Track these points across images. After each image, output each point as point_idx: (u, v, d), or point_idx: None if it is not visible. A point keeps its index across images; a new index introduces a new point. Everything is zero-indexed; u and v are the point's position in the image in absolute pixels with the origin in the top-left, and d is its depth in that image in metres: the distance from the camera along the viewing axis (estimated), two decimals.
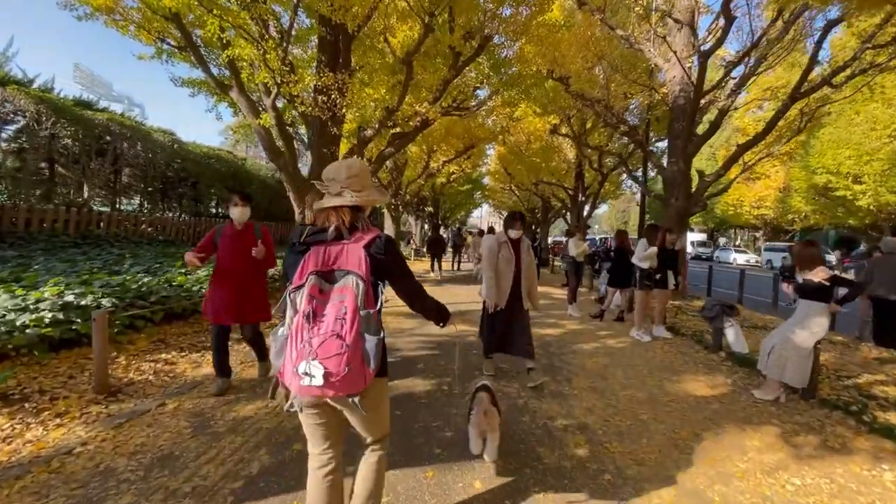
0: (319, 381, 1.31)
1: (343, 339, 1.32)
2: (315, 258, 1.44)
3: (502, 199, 32.47)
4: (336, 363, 1.31)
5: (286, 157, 9.49)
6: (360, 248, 1.45)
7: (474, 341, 5.34)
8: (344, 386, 1.35)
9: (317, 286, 1.40)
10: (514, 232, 3.94)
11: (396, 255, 1.56)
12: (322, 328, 1.35)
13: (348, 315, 1.35)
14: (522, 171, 18.38)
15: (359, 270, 1.41)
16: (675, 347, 5.53)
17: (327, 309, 1.38)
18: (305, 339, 1.34)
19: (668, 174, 9.43)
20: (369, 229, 1.54)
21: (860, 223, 24.95)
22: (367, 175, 1.60)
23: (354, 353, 1.34)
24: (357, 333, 1.35)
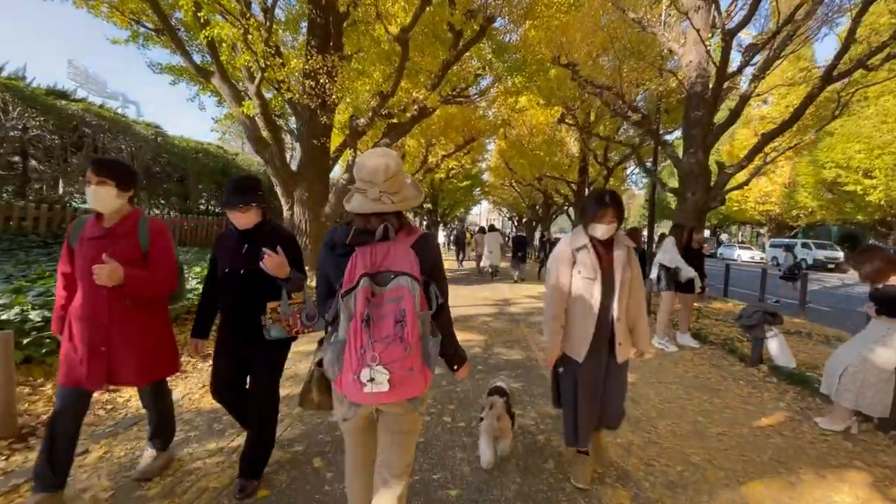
0: (385, 385, 1.26)
1: (406, 343, 1.26)
2: (363, 260, 1.34)
3: (502, 195, 31.85)
4: (401, 367, 1.27)
5: (273, 149, 8.81)
6: (409, 249, 1.38)
7: (479, 353, 4.69)
8: (408, 389, 1.33)
9: (369, 289, 1.30)
10: (602, 228, 2.23)
11: (438, 257, 1.51)
12: (382, 332, 1.27)
13: (408, 317, 1.27)
14: (525, 165, 17.72)
15: (412, 271, 1.33)
16: (706, 359, 4.89)
17: (383, 311, 1.29)
18: (366, 344, 1.25)
19: (684, 167, 8.77)
20: (412, 228, 1.49)
21: (869, 219, 24.36)
22: (402, 172, 1.47)
23: (416, 356, 1.30)
24: (416, 335, 1.29)
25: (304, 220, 9.16)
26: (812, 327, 6.79)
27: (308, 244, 9.18)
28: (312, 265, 9.36)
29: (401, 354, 1.26)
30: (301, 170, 9.29)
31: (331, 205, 9.23)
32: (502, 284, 11.33)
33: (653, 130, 9.08)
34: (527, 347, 5.10)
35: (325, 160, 9.63)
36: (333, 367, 1.35)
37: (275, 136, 8.58)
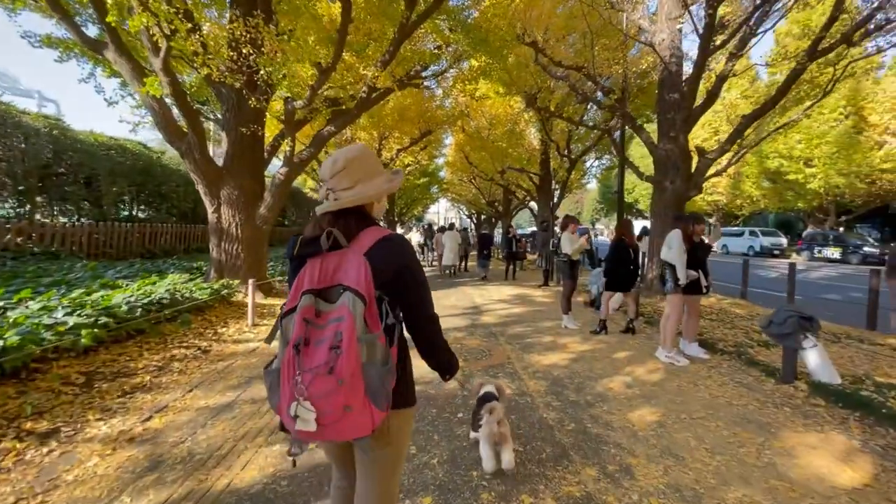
0: (312, 426, 1.03)
1: (337, 375, 1.01)
2: (311, 273, 1.14)
3: (461, 192, 30.94)
4: (330, 404, 1.02)
5: (190, 140, 7.27)
6: (360, 257, 1.13)
7: (455, 388, 3.60)
8: (345, 430, 1.07)
9: (312, 308, 1.09)
10: None
11: (408, 263, 1.22)
12: (314, 360, 1.04)
13: (344, 343, 1.03)
14: (486, 157, 16.82)
15: (356, 285, 1.08)
16: (726, 374, 4.07)
17: (324, 335, 1.05)
18: (295, 375, 1.03)
19: (661, 153, 8.12)
20: (374, 231, 1.21)
21: (808, 206, 25.62)
22: (361, 163, 1.24)
23: (354, 390, 1.04)
24: (356, 365, 1.04)
25: (235, 223, 7.68)
26: None
27: (240, 251, 7.73)
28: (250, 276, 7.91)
29: (329, 388, 1.02)
30: (229, 164, 7.79)
31: (267, 205, 7.81)
32: (469, 288, 10.31)
33: (625, 113, 8.36)
34: (515, 374, 4.07)
35: (258, 152, 8.18)
36: (273, 397, 1.14)
37: (191, 123, 7.05)
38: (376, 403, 1.08)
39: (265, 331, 5.60)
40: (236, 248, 7.73)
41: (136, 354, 4.09)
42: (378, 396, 1.08)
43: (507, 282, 11.56)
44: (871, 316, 5.72)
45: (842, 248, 20.39)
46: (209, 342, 4.76)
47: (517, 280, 11.81)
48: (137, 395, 3.33)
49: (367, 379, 1.06)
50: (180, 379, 3.74)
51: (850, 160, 20.81)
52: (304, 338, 1.06)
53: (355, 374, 1.04)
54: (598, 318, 5.86)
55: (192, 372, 3.92)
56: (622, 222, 5.87)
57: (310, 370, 1.03)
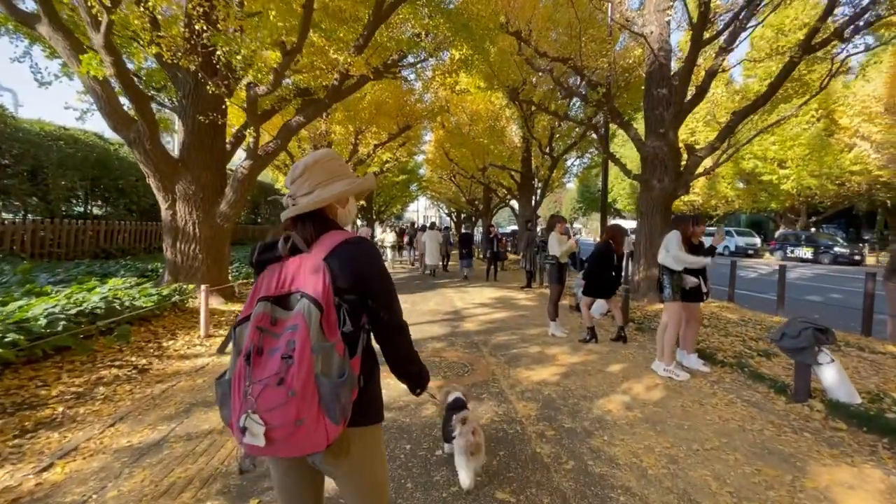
0: (261, 440, 0.96)
1: (288, 386, 0.95)
2: (268, 280, 1.09)
3: (440, 191, 30.43)
4: (280, 416, 0.95)
5: (140, 128, 6.52)
6: (318, 261, 1.07)
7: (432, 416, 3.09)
8: (297, 445, 0.99)
9: (267, 315, 1.03)
10: None
11: (371, 268, 1.15)
12: (265, 371, 0.97)
13: (297, 352, 0.96)
14: (467, 154, 16.35)
15: (312, 292, 1.02)
16: (732, 391, 3.70)
17: (278, 344, 0.99)
18: (244, 386, 0.98)
19: (649, 150, 7.81)
20: (335, 234, 1.16)
21: (780, 207, 26.17)
22: (322, 168, 1.20)
23: (306, 403, 0.96)
24: (309, 376, 0.97)
25: (192, 221, 6.98)
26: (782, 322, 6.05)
27: (198, 252, 7.03)
28: (210, 280, 7.21)
29: (279, 400, 0.95)
30: (185, 156, 7.08)
31: (229, 201, 7.13)
32: (449, 290, 9.83)
33: (612, 108, 8.02)
34: (501, 393, 3.60)
35: (219, 143, 7.48)
36: (224, 410, 1.08)
37: (140, 109, 6.32)
38: (330, 417, 1.00)
39: (220, 343, 4.97)
40: (193, 248, 7.03)
41: (53, 378, 3.43)
42: (332, 409, 1.00)
43: (488, 283, 11.13)
44: (866, 321, 5.51)
45: (813, 248, 20.84)
46: (149, 359, 4.12)
47: (499, 281, 11.40)
48: (41, 434, 2.71)
49: (321, 390, 0.99)
50: (103, 409, 3.12)
51: (821, 162, 21.28)
52: (256, 347, 1.00)
53: (307, 385, 0.97)
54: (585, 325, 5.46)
55: (120, 399, 3.30)
56: (614, 227, 5.47)
57: (260, 381, 0.97)
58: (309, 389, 0.97)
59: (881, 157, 19.66)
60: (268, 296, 1.05)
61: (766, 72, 22.17)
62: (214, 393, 1.13)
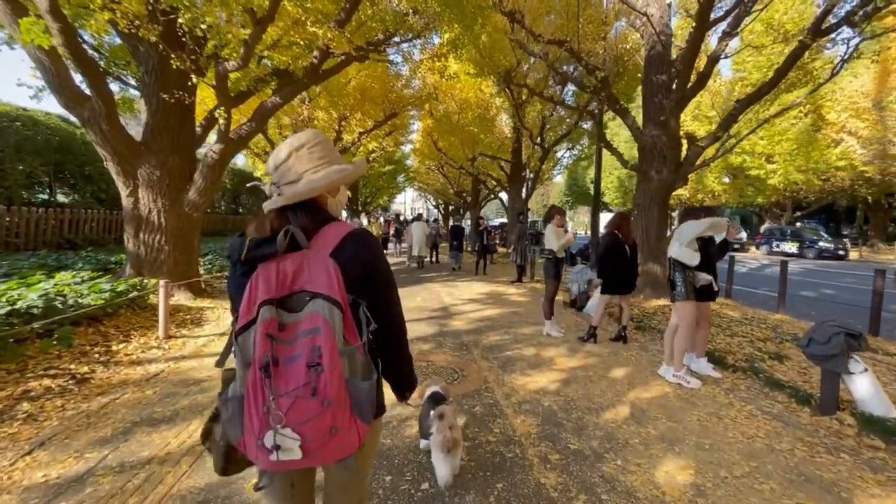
0: (297, 453, 0.88)
1: (322, 395, 0.87)
2: (266, 281, 0.94)
3: (428, 181, 29.87)
4: (317, 428, 0.88)
5: (94, 106, 5.88)
6: (327, 258, 0.98)
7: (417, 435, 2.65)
8: (332, 452, 0.93)
9: (275, 321, 0.91)
10: None
11: (377, 261, 1.08)
12: (290, 382, 0.88)
13: (325, 358, 0.88)
14: (455, 144, 15.83)
15: (329, 292, 0.93)
16: (749, 401, 3.36)
17: (295, 351, 0.89)
18: (268, 401, 0.86)
19: (647, 140, 7.44)
20: (336, 226, 1.06)
21: (766, 201, 26.30)
22: (310, 152, 1.09)
23: (341, 409, 0.90)
24: (341, 382, 0.90)
25: (157, 209, 6.39)
26: (784, 320, 5.79)
27: (164, 244, 6.45)
28: (177, 274, 6.64)
29: (315, 412, 0.87)
30: (148, 138, 6.46)
31: (198, 188, 6.55)
32: (436, 284, 9.39)
33: (610, 95, 7.62)
34: (496, 405, 3.19)
35: (187, 125, 6.88)
36: (233, 429, 0.95)
37: (95, 84, 5.69)
38: (364, 419, 0.96)
39: (181, 346, 4.46)
40: (158, 239, 6.44)
41: None
42: (365, 411, 0.96)
43: (477, 277, 10.73)
44: (874, 320, 5.25)
45: (798, 242, 20.96)
46: (92, 366, 3.59)
47: (488, 275, 11.00)
48: None
49: (353, 395, 0.94)
50: (22, 431, 2.61)
51: (808, 157, 21.33)
52: (272, 356, 0.88)
53: (341, 391, 0.90)
54: (581, 322, 5.11)
55: (46, 417, 2.79)
56: (618, 215, 5.07)
57: (287, 394, 0.87)
58: (342, 396, 0.91)
59: (867, 152, 19.77)
60: (270, 299, 0.93)
61: (755, 65, 22.17)
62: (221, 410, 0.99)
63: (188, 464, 2.31)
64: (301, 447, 0.88)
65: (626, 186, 36.21)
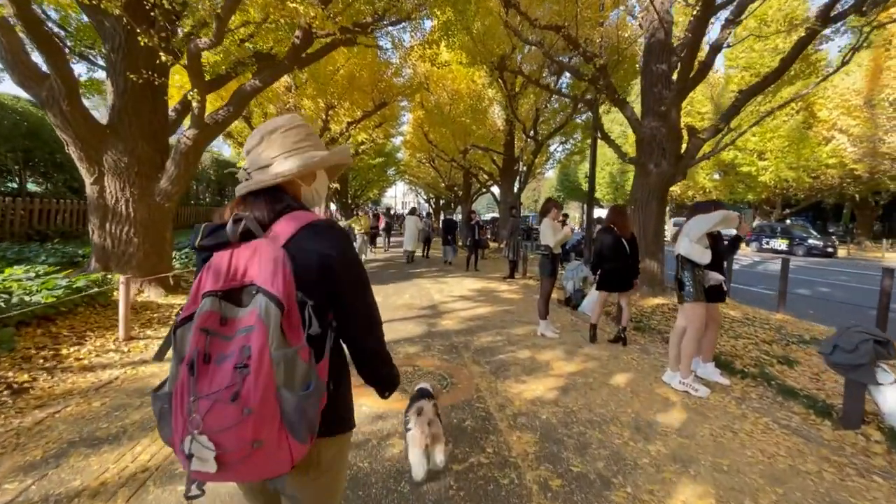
0: (211, 466, 0.78)
1: (243, 402, 0.76)
2: (215, 270, 0.87)
3: (419, 175, 29.42)
4: (234, 438, 0.77)
5: (53, 85, 5.41)
6: (277, 250, 0.88)
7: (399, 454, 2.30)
8: (253, 468, 0.81)
9: (215, 314, 0.83)
10: None
11: (341, 256, 0.96)
12: (213, 383, 0.78)
13: (253, 361, 0.78)
14: (447, 135, 15.42)
15: (269, 286, 0.83)
16: (764, 412, 3.08)
17: (229, 349, 0.80)
18: (188, 402, 0.78)
19: (646, 132, 7.16)
20: (298, 215, 0.96)
21: (757, 198, 26.36)
22: (284, 136, 1.02)
23: (266, 421, 0.79)
24: (268, 389, 0.79)
25: (124, 199, 5.94)
26: (786, 320, 5.58)
27: (132, 236, 6.02)
28: (147, 268, 6.20)
29: (233, 420, 0.76)
30: (115, 122, 5.98)
31: (170, 176, 6.11)
32: (426, 280, 9.05)
33: (609, 84, 7.30)
34: (488, 418, 2.87)
35: (160, 110, 6.41)
36: (165, 429, 0.86)
37: (54, 62, 5.21)
38: (296, 436, 0.82)
39: (143, 348, 4.07)
40: (127, 230, 6.00)
41: None
42: (298, 428, 0.82)
43: (468, 273, 10.41)
44: (881, 321, 5.03)
45: (788, 239, 21.00)
46: (34, 373, 3.18)
47: (479, 271, 10.69)
48: None
49: (283, 406, 0.81)
50: None
51: (799, 154, 21.33)
52: (202, 352, 0.80)
53: (267, 401, 0.78)
54: (577, 321, 4.82)
55: None
56: (613, 209, 4.78)
57: (207, 396, 0.77)
58: (269, 405, 0.78)
59: (857, 150, 19.81)
60: (215, 290, 0.85)
61: (747, 61, 22.07)
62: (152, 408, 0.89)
63: (125, 498, 1.95)
64: (216, 458, 0.78)
65: (618, 182, 36.14)
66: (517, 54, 11.24)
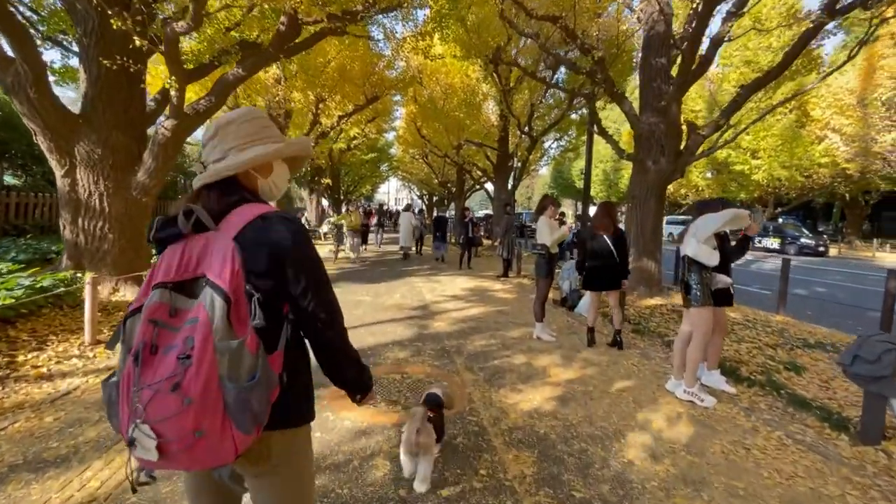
0: (153, 454, 0.79)
1: (183, 392, 0.78)
2: (167, 262, 0.90)
3: (412, 171, 29.10)
4: (174, 428, 0.78)
5: (19, 70, 5.07)
6: (227, 241, 0.89)
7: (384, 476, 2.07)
8: (195, 458, 0.82)
9: (164, 305, 0.85)
10: None
11: (294, 248, 0.94)
12: (156, 373, 0.80)
13: (196, 351, 0.79)
14: (440, 130, 15.14)
15: (217, 277, 0.85)
16: (776, 425, 2.89)
17: (176, 340, 0.82)
18: (132, 391, 0.81)
19: (644, 127, 6.95)
20: (251, 207, 0.96)
21: (749, 197, 26.41)
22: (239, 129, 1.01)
23: (207, 412, 0.79)
24: (210, 380, 0.79)
25: (98, 192, 5.61)
26: (788, 322, 5.42)
27: (107, 231, 5.70)
28: (123, 266, 5.90)
29: (174, 409, 0.78)
30: (88, 111, 5.65)
31: (148, 169, 5.80)
32: (418, 279, 8.80)
33: (607, 78, 7.08)
34: (481, 433, 2.64)
35: (136, 98, 6.07)
36: (113, 417, 0.88)
37: (19, 45, 4.87)
38: (240, 427, 0.83)
39: (111, 354, 3.78)
40: (101, 226, 5.68)
41: None
42: (241, 419, 0.82)
43: (461, 271, 10.18)
44: (885, 324, 4.89)
45: (780, 238, 21.05)
46: None
47: (472, 269, 10.46)
48: None
49: (226, 397, 0.81)
50: None
51: (792, 153, 21.34)
52: (148, 343, 0.83)
53: (209, 391, 0.79)
54: (573, 322, 4.63)
55: None
56: (599, 206, 4.61)
57: (149, 386, 0.80)
58: (210, 396, 0.79)
59: (850, 149, 19.84)
60: (166, 281, 0.87)
61: (742, 59, 22.02)
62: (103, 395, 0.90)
63: None
64: (158, 447, 0.79)
65: (612, 179, 36.08)
66: (512, 47, 10.97)
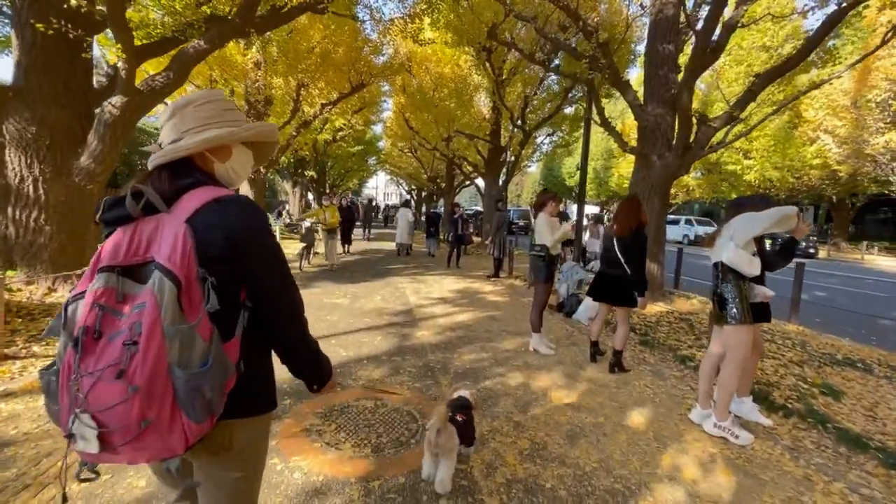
0: (94, 445, 0.76)
1: (129, 379, 0.74)
2: (115, 245, 0.86)
3: (400, 165, 28.33)
4: (118, 417, 0.75)
5: None
6: (179, 224, 0.85)
7: None
8: (142, 450, 0.79)
9: (111, 290, 0.82)
10: None
11: (249, 231, 0.91)
12: (101, 360, 0.77)
13: (143, 337, 0.76)
14: (430, 122, 14.47)
15: (167, 261, 0.81)
16: (830, 471, 2.37)
17: (122, 326, 0.79)
18: (71, 379, 0.77)
19: (649, 119, 6.42)
20: (206, 190, 0.92)
21: None
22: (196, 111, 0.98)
23: (154, 400, 0.76)
24: (158, 367, 0.76)
25: (32, 177, 4.88)
26: (805, 332, 4.97)
27: (44, 223, 4.96)
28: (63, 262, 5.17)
29: (118, 398, 0.74)
30: (21, 83, 4.89)
31: (93, 152, 5.08)
32: (402, 279, 8.18)
33: (611, 64, 6.52)
34: (474, 496, 2.05)
35: (79, 69, 5.33)
36: (53, 407, 0.83)
37: None
38: (190, 415, 0.79)
39: (18, 371, 3.10)
40: (35, 216, 4.94)
41: None
42: (191, 407, 0.79)
43: (450, 270, 9.59)
44: None
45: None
46: None
47: (462, 268, 9.88)
48: None
49: (176, 384, 0.78)
50: None
51: (784, 154, 21.20)
52: (91, 328, 0.79)
53: (156, 379, 0.76)
54: (571, 330, 4.06)
55: None
56: (621, 201, 3.98)
57: (91, 373, 0.76)
58: (158, 384, 0.76)
59: (842, 151, 19.72)
60: (113, 265, 0.83)
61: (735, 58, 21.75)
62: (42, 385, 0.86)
63: None
64: (99, 437, 0.75)
65: (602, 178, 35.83)
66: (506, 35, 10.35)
